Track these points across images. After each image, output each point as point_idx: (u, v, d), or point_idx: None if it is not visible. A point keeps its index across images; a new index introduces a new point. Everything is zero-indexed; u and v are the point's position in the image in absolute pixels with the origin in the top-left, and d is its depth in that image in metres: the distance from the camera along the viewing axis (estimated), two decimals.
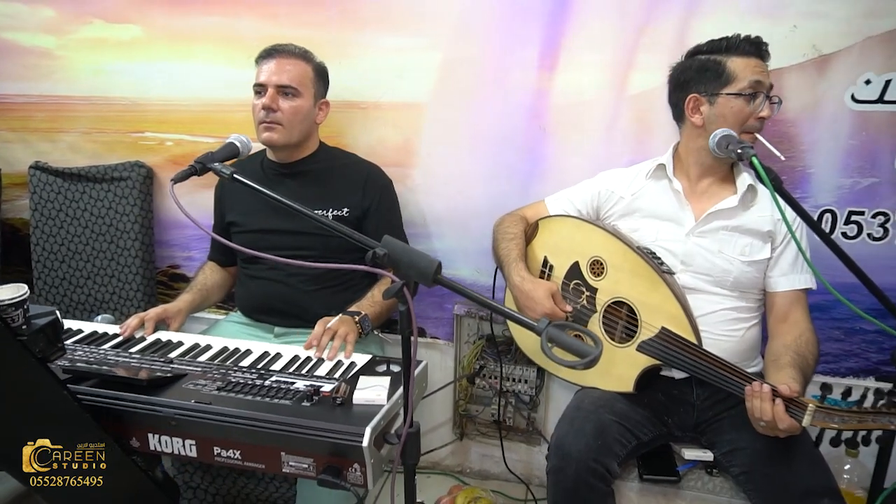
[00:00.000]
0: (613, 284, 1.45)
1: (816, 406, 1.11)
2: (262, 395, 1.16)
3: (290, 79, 1.59)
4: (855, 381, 1.79)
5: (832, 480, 1.20)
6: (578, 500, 1.23)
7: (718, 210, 1.44)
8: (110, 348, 1.39)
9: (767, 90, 1.38)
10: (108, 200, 2.10)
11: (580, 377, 1.48)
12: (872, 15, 1.56)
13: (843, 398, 1.18)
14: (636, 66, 1.72)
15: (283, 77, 1.58)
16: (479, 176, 1.91)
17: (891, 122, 1.62)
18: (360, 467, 1.06)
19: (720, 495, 1.32)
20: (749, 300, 1.45)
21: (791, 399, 1.12)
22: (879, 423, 1.09)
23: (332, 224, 1.12)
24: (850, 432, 1.13)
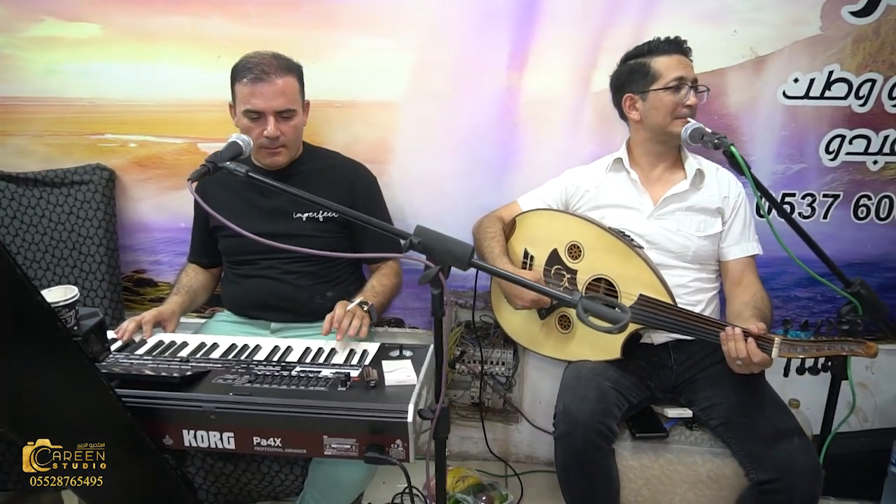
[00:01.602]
0: (591, 263, 1.60)
1: (781, 339, 1.29)
2: (296, 385, 1.21)
3: (286, 101, 1.58)
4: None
5: (796, 421, 1.40)
6: (587, 460, 1.37)
7: (673, 194, 1.62)
8: (115, 352, 1.38)
9: (692, 82, 1.57)
10: (69, 205, 2.03)
11: (571, 353, 1.62)
12: (799, 22, 1.79)
13: (803, 329, 1.38)
14: (598, 66, 1.87)
15: (280, 101, 1.57)
16: (453, 171, 2.00)
17: (815, 115, 1.86)
18: (403, 443, 1.14)
19: (702, 446, 1.50)
20: (709, 271, 1.64)
21: (760, 336, 1.31)
22: (834, 349, 1.29)
23: (364, 218, 1.18)
24: (811, 360, 1.33)
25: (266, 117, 1.57)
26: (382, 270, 1.75)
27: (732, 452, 1.44)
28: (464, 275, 2.07)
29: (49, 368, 0.93)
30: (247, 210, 1.70)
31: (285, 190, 1.27)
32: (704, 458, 1.47)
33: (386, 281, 1.70)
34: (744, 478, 1.42)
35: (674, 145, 1.66)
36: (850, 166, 1.89)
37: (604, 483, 1.40)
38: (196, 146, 2.04)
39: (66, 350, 0.93)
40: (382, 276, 1.72)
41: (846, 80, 1.82)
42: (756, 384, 1.47)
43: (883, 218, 1.93)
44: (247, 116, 1.58)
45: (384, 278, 1.71)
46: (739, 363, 1.32)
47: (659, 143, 1.66)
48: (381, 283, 1.68)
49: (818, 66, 1.82)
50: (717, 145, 1.34)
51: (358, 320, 1.43)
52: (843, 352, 1.30)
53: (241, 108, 1.58)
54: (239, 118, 1.61)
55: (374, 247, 1.69)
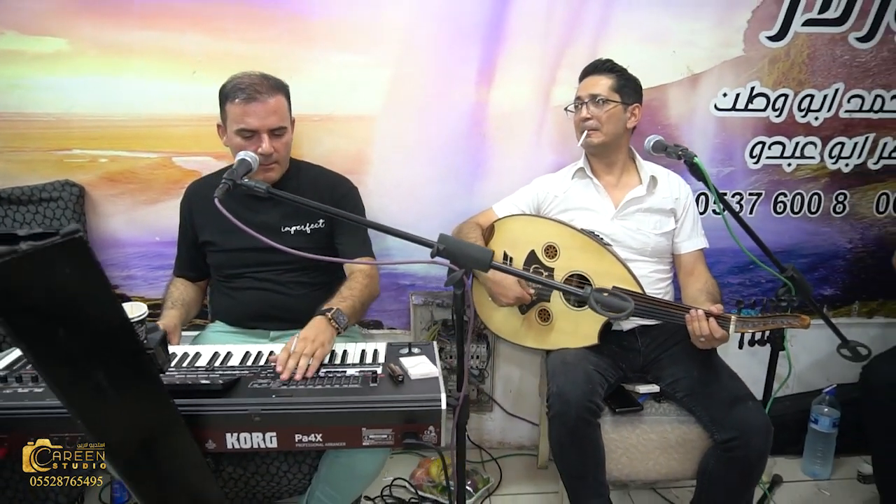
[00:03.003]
0: (567, 262, 1.79)
1: (736, 317, 1.54)
2: (330, 384, 1.31)
3: (279, 119, 1.64)
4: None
5: (747, 388, 1.65)
6: (578, 435, 1.55)
7: (633, 197, 1.84)
8: None
9: (589, 97, 1.80)
10: (38, 223, 1.98)
11: (552, 342, 1.80)
12: (726, 45, 2.07)
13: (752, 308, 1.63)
14: (557, 81, 2.07)
15: (273, 120, 1.62)
16: (427, 179, 2.13)
17: (741, 124, 2.15)
18: (436, 429, 1.27)
19: (670, 415, 1.72)
20: (664, 263, 1.88)
21: (719, 315, 1.54)
22: (777, 323, 1.56)
23: (392, 229, 1.30)
24: (759, 333, 1.58)
25: (260, 135, 1.63)
26: (353, 276, 1.76)
27: (697, 419, 1.67)
28: (439, 275, 2.23)
29: (127, 381, 0.98)
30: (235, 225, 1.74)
31: (305, 204, 1.37)
32: (673, 425, 1.70)
33: (355, 285, 1.71)
34: (706, 440, 1.66)
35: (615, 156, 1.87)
36: (769, 168, 2.20)
37: (593, 454, 1.59)
38: (171, 160, 2.06)
39: (141, 364, 0.99)
40: (352, 280, 1.73)
41: (765, 95, 2.12)
42: (712, 359, 1.71)
43: (796, 212, 2.25)
44: (240, 135, 1.63)
45: (352, 282, 1.72)
46: (703, 340, 1.55)
47: (592, 154, 1.88)
48: (348, 288, 1.69)
49: (742, 83, 2.11)
50: (680, 156, 1.56)
51: (305, 360, 1.36)
52: (783, 325, 1.56)
53: (233, 128, 1.63)
54: (230, 137, 1.66)
55: (352, 249, 1.77)
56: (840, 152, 2.19)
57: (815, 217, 2.26)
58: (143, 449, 1.06)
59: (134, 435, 1.03)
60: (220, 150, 2.05)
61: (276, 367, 1.35)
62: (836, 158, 2.20)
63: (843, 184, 2.23)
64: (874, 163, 2.22)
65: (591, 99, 1.79)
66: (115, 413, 0.98)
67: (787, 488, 2.19)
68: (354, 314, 1.62)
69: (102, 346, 0.92)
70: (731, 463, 1.57)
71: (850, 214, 2.27)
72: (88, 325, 0.89)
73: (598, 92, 1.78)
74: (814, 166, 2.21)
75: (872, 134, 2.18)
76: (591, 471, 1.60)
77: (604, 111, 1.77)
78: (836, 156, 2.19)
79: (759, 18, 2.04)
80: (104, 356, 0.93)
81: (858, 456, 2.28)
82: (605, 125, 1.78)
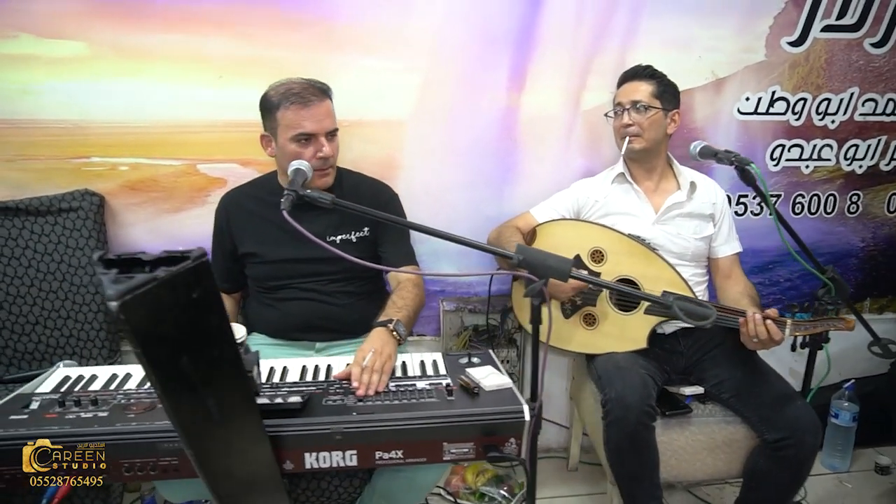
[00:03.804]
0: (614, 266, 1.80)
1: (792, 321, 1.57)
2: (404, 399, 1.28)
3: (332, 122, 1.63)
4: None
5: (792, 387, 1.68)
6: (637, 438, 1.56)
7: (674, 203, 1.86)
8: None
9: (630, 103, 1.82)
10: (56, 235, 1.90)
11: (597, 346, 1.80)
12: (749, 50, 2.11)
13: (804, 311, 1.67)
14: (587, 87, 2.08)
15: (329, 122, 1.61)
16: (457, 184, 2.12)
17: (762, 128, 2.20)
18: (517, 440, 1.26)
19: (716, 416, 1.74)
20: (701, 267, 1.91)
21: (776, 319, 1.57)
22: (825, 326, 1.61)
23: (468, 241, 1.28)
24: (803, 337, 1.63)
25: (318, 139, 1.59)
26: (402, 285, 1.74)
27: (744, 419, 1.70)
28: (469, 282, 2.22)
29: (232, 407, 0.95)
30: (279, 235, 1.70)
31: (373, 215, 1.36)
32: (720, 426, 1.72)
33: (405, 294, 1.69)
34: (753, 440, 1.69)
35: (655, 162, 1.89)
36: (788, 170, 2.26)
37: (650, 457, 1.60)
38: (195, 168, 1.99)
39: (244, 387, 0.95)
40: (402, 290, 1.71)
41: (785, 99, 2.17)
42: (754, 360, 1.74)
43: (813, 213, 2.32)
44: (296, 141, 1.58)
45: (403, 291, 1.70)
46: (756, 341, 1.57)
47: (632, 160, 1.89)
48: (401, 297, 1.68)
49: (764, 87, 2.15)
50: (732, 162, 1.58)
51: (377, 375, 1.35)
52: (831, 327, 1.60)
53: (288, 134, 1.58)
54: (283, 145, 1.60)
55: (397, 258, 1.76)
56: (854, 154, 2.26)
57: (830, 217, 2.33)
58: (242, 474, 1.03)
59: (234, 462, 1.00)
60: (246, 157, 2.01)
61: (352, 382, 1.31)
62: (850, 160, 2.27)
63: (857, 185, 2.31)
64: (886, 164, 2.30)
65: (632, 105, 1.80)
66: (221, 439, 0.95)
67: (809, 481, 2.23)
68: (409, 324, 1.60)
69: (215, 371, 0.89)
70: (782, 462, 1.60)
71: (863, 214, 2.34)
72: (206, 351, 0.85)
73: (640, 98, 1.79)
74: (830, 168, 2.28)
75: (885, 136, 2.25)
76: (648, 473, 1.61)
77: (645, 117, 1.79)
78: (851, 157, 2.27)
79: (781, 24, 2.09)
80: (217, 382, 0.90)
81: (874, 448, 2.36)
82: (647, 131, 1.79)
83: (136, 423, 1.16)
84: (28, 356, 1.91)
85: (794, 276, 2.38)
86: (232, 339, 0.90)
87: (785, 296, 2.38)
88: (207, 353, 0.85)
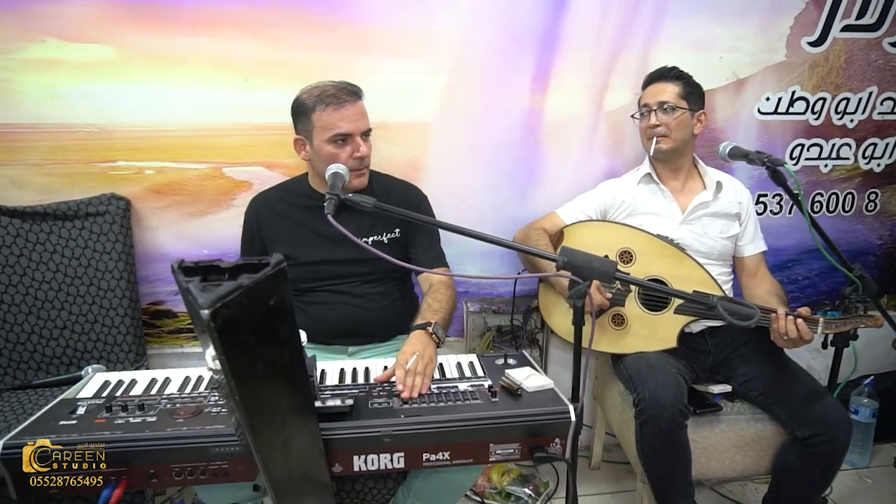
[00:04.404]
0: (644, 266, 1.81)
1: (824, 320, 1.59)
2: (449, 401, 1.29)
3: (367, 122, 1.65)
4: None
5: (821, 384, 1.70)
6: (671, 437, 1.58)
7: (700, 203, 1.88)
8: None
9: (657, 105, 1.84)
10: (84, 239, 1.90)
11: (626, 346, 1.82)
12: (770, 51, 2.13)
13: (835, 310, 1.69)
14: (610, 87, 2.09)
15: (364, 122, 1.64)
16: (481, 185, 2.13)
17: (782, 127, 2.22)
18: (561, 440, 1.27)
19: (745, 414, 1.76)
20: (726, 266, 1.93)
21: (807, 318, 1.58)
22: (854, 324, 1.63)
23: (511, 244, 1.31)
24: (832, 335, 1.65)
25: (354, 138, 1.61)
26: (435, 287, 1.75)
27: (773, 416, 1.71)
28: (492, 283, 2.23)
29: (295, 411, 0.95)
30: (312, 237, 1.71)
31: (414, 218, 1.37)
32: (749, 423, 1.74)
33: (440, 296, 1.71)
34: (781, 436, 1.71)
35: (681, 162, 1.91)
36: (807, 169, 2.28)
37: (683, 455, 1.62)
38: (221, 171, 2.00)
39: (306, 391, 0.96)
40: (436, 293, 1.72)
41: (804, 99, 2.19)
42: (781, 357, 1.76)
43: (832, 211, 2.34)
44: (332, 142, 1.60)
45: (438, 294, 1.72)
46: (786, 338, 1.59)
47: (658, 160, 1.91)
48: (436, 300, 1.69)
49: (784, 87, 2.17)
50: (764, 163, 1.59)
51: (420, 378, 1.36)
52: (860, 325, 1.62)
53: (325, 136, 1.59)
54: (319, 147, 1.61)
55: (428, 259, 1.77)
56: (873, 153, 2.28)
57: (848, 215, 2.35)
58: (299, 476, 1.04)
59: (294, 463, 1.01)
60: (272, 160, 2.02)
61: (397, 385, 1.32)
62: (868, 159, 2.29)
63: (875, 183, 2.33)
64: None
65: (659, 106, 1.81)
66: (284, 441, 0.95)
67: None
68: (446, 326, 1.61)
69: (285, 375, 0.90)
70: (812, 458, 1.61)
71: (881, 212, 2.37)
72: (278, 356, 0.86)
73: (667, 99, 1.81)
74: (848, 167, 2.30)
75: None
76: (681, 472, 1.63)
77: (672, 118, 1.80)
78: (870, 156, 2.29)
79: (801, 24, 2.11)
80: (285, 386, 0.90)
81: (893, 443, 2.38)
82: (674, 132, 1.81)
83: (186, 428, 1.17)
84: (56, 360, 1.91)
85: (812, 275, 2.40)
86: (299, 345, 0.91)
87: (803, 293, 2.40)
88: (279, 359, 0.86)
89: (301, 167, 1.90)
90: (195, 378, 1.45)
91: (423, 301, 1.69)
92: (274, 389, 0.86)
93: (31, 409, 1.70)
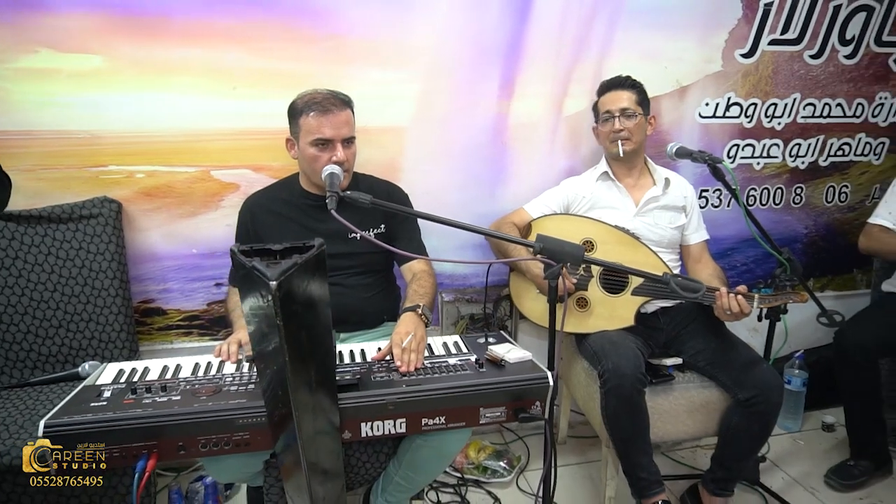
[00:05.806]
0: (604, 254, 2.02)
1: (759, 296, 1.83)
2: (442, 373, 1.46)
3: (350, 130, 1.77)
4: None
5: (757, 353, 1.95)
6: (631, 403, 1.79)
7: (651, 197, 2.11)
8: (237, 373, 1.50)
9: (620, 111, 2.06)
10: (78, 241, 1.98)
11: (590, 326, 2.02)
12: (708, 61, 2.39)
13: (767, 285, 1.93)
14: (569, 94, 2.30)
15: (345, 130, 1.75)
16: (453, 185, 2.31)
17: (720, 129, 2.48)
18: (541, 403, 1.46)
19: (694, 382, 1.99)
20: (675, 253, 2.16)
21: (745, 294, 1.82)
22: (784, 299, 1.88)
23: (497, 234, 1.48)
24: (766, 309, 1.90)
25: (334, 144, 1.74)
26: (419, 275, 1.92)
27: (718, 383, 1.95)
28: (465, 274, 2.41)
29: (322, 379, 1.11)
30: (304, 234, 1.83)
31: (407, 212, 1.54)
32: (697, 391, 1.97)
33: (424, 283, 1.87)
34: (726, 401, 1.94)
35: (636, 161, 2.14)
36: (742, 167, 2.55)
37: (643, 419, 1.83)
38: (209, 174, 2.11)
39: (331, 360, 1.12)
40: (421, 280, 1.89)
41: (738, 104, 2.46)
42: (723, 332, 2.01)
43: (764, 204, 2.62)
44: (314, 145, 1.73)
45: (422, 281, 1.88)
46: (729, 313, 1.82)
47: (616, 160, 2.13)
48: (421, 286, 1.85)
49: (720, 94, 2.43)
50: (706, 160, 1.83)
51: (415, 354, 1.52)
52: (789, 300, 1.88)
53: (308, 139, 1.73)
54: (304, 148, 1.75)
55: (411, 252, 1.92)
56: (798, 152, 2.58)
57: (778, 208, 2.64)
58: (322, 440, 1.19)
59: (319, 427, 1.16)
60: (258, 163, 2.14)
61: (395, 361, 1.49)
62: (794, 157, 2.58)
63: (800, 179, 2.63)
64: (823, 160, 2.62)
65: (621, 112, 2.03)
66: (314, 405, 1.11)
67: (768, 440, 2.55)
68: (432, 309, 1.78)
69: (318, 346, 1.05)
70: (752, 417, 1.85)
71: (806, 205, 2.67)
72: (315, 328, 1.01)
73: (627, 105, 2.03)
74: (777, 164, 2.58)
75: (822, 136, 2.58)
76: (641, 433, 1.84)
77: (633, 123, 2.03)
78: (795, 155, 2.58)
79: (735, 38, 2.37)
80: (317, 356, 1.06)
81: (821, 410, 2.68)
82: (635, 135, 2.03)
83: (212, 404, 1.30)
84: (52, 359, 1.98)
85: (748, 261, 2.68)
86: (329, 322, 1.06)
87: (741, 278, 2.68)
88: (314, 329, 1.01)
89: (286, 169, 2.04)
90: (204, 364, 1.57)
91: (409, 288, 1.85)
92: (310, 358, 1.01)
93: (30, 406, 1.77)
